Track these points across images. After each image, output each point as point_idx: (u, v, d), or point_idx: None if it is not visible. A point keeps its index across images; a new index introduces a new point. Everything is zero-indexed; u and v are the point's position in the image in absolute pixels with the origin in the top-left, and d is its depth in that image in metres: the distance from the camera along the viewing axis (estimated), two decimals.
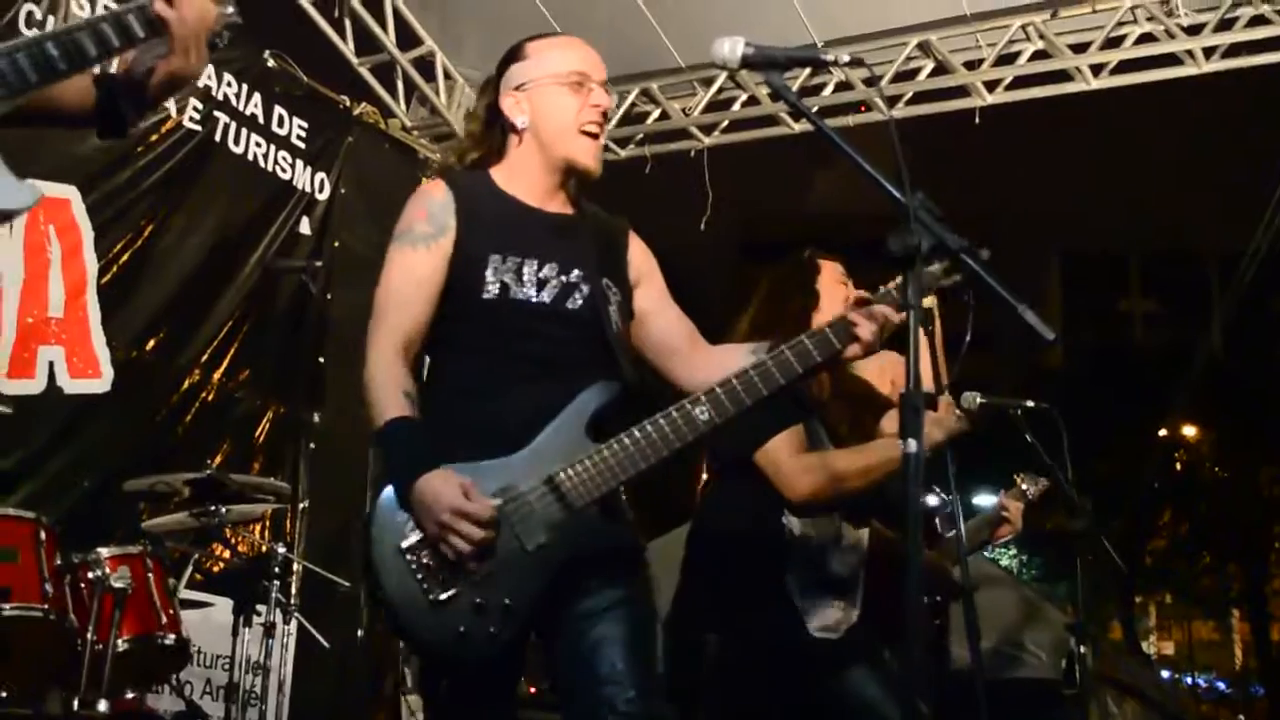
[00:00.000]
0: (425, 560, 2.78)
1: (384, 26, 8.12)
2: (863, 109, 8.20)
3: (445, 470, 2.79)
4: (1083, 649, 5.59)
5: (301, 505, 6.43)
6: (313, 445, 7.24)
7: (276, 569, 5.53)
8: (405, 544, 2.78)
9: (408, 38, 8.35)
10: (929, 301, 4.17)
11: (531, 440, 2.90)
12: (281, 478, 6.65)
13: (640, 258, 3.33)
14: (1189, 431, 27.26)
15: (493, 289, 3.03)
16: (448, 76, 8.64)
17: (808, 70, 7.77)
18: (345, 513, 7.01)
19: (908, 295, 2.35)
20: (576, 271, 3.12)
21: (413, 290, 3.03)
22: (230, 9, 2.68)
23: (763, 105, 8.18)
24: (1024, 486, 4.96)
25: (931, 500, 4.62)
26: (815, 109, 8.11)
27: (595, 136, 3.19)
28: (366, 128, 8.18)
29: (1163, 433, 26.63)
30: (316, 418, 7.31)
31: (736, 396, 2.95)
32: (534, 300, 3.06)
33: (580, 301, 3.10)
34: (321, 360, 7.40)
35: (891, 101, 7.97)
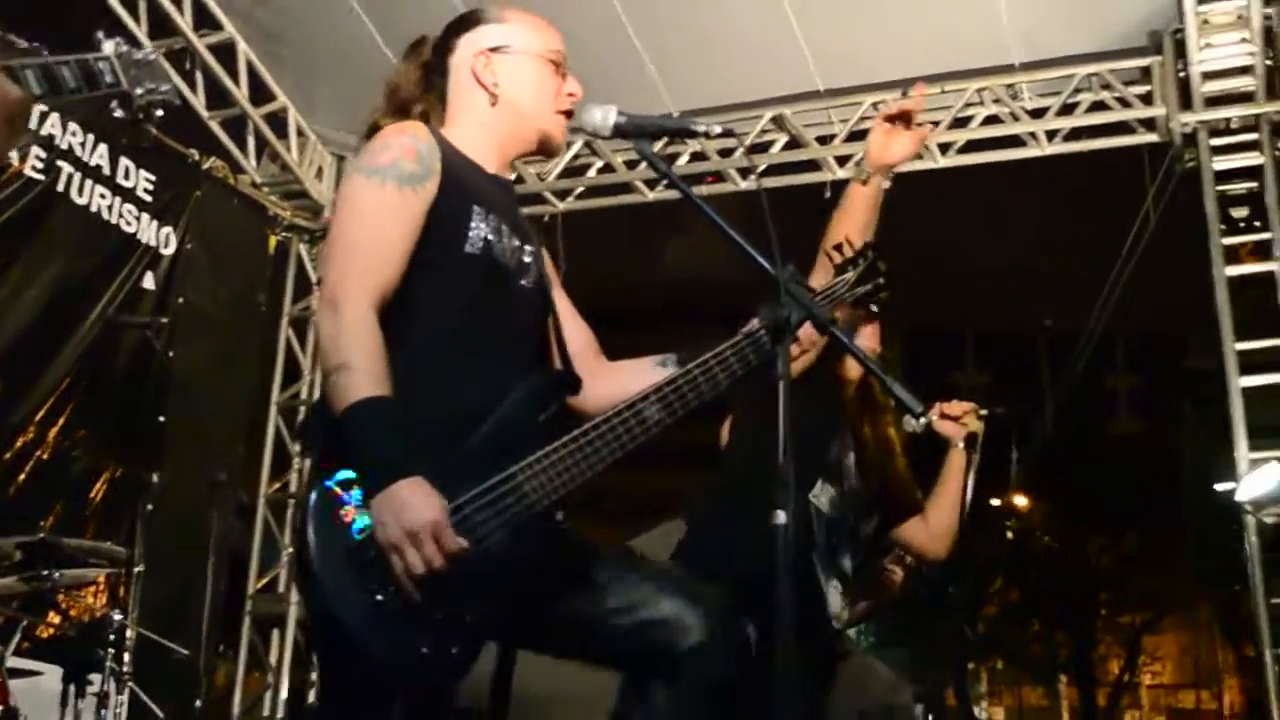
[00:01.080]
0: (374, 567, 2.46)
1: (236, 80, 8.02)
2: (710, 180, 8.27)
3: (420, 480, 2.47)
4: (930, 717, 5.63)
5: (137, 569, 6.21)
6: (150, 507, 6.99)
7: (111, 636, 5.32)
8: (354, 545, 2.47)
9: (260, 93, 8.26)
10: (977, 428, 4.33)
11: (485, 428, 2.66)
12: (118, 540, 6.41)
13: (549, 257, 3.13)
14: (1020, 502, 27.87)
15: (476, 243, 2.78)
16: (300, 133, 8.56)
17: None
18: (183, 577, 6.83)
19: (779, 368, 2.34)
20: (529, 248, 2.95)
21: (398, 234, 2.69)
22: (38, 91, 2.55)
23: (618, 173, 8.21)
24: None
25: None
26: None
27: (567, 118, 3.02)
28: (215, 183, 8.04)
29: (995, 502, 27.14)
30: (155, 478, 7.08)
31: (684, 398, 2.79)
32: (510, 267, 2.85)
33: (534, 280, 2.93)
34: (162, 419, 7.20)
35: (745, 173, 8.06)
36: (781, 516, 2.28)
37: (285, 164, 8.51)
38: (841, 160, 7.95)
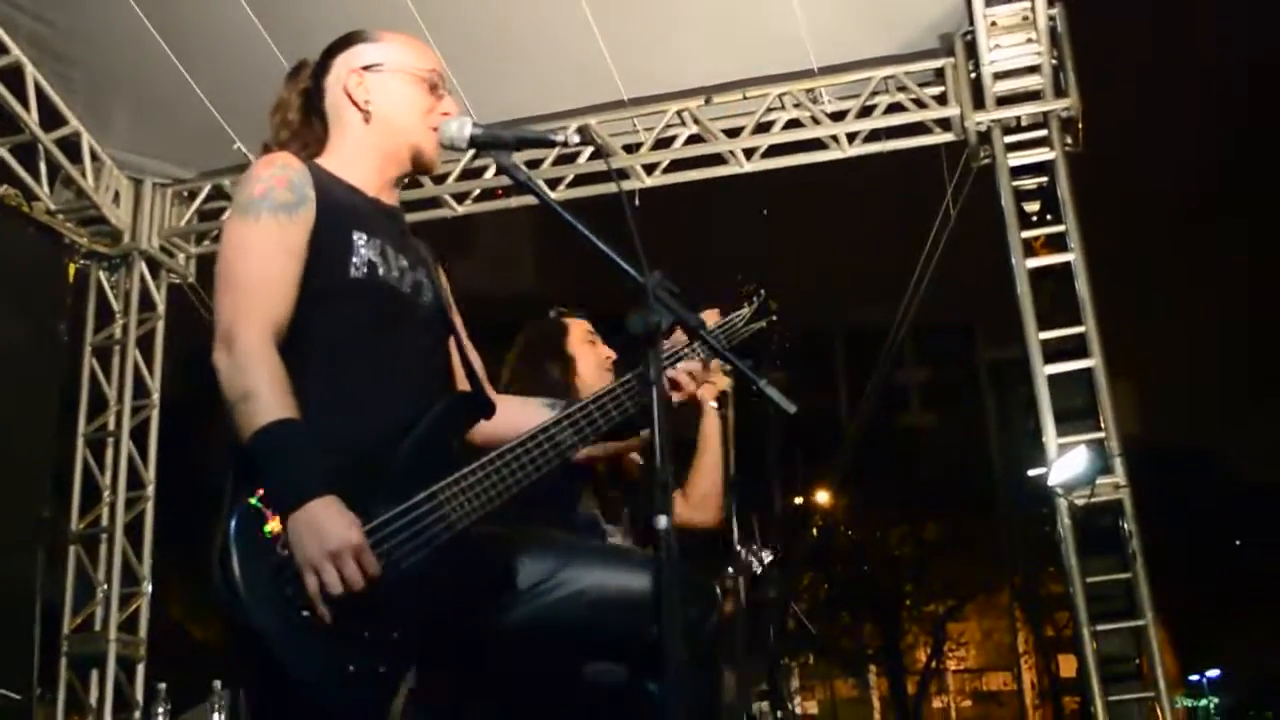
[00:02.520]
0: (300, 584, 2.45)
1: (25, 105, 7.75)
2: (501, 193, 8.28)
3: (334, 499, 2.48)
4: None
5: None
6: None
7: None
8: (278, 562, 2.46)
9: (51, 117, 7.99)
10: (725, 384, 4.31)
11: (399, 452, 2.66)
12: None
13: (446, 280, 3.13)
14: (822, 497, 28.42)
15: (361, 267, 2.77)
16: (95, 157, 8.31)
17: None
18: (2, 620, 6.55)
19: (650, 374, 2.37)
20: (421, 269, 2.94)
21: (282, 265, 2.68)
22: None
23: (425, 187, 8.13)
24: (752, 559, 4.99)
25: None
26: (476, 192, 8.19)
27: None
28: (8, 211, 7.75)
29: (799, 500, 27.67)
30: None
31: (594, 422, 2.85)
32: (401, 289, 2.84)
33: (430, 299, 2.93)
34: None
35: (553, 184, 8.09)
36: (663, 521, 2.29)
37: (80, 189, 8.25)
38: (649, 168, 8.02)
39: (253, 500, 2.50)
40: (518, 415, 3.00)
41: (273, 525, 2.48)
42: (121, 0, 7.28)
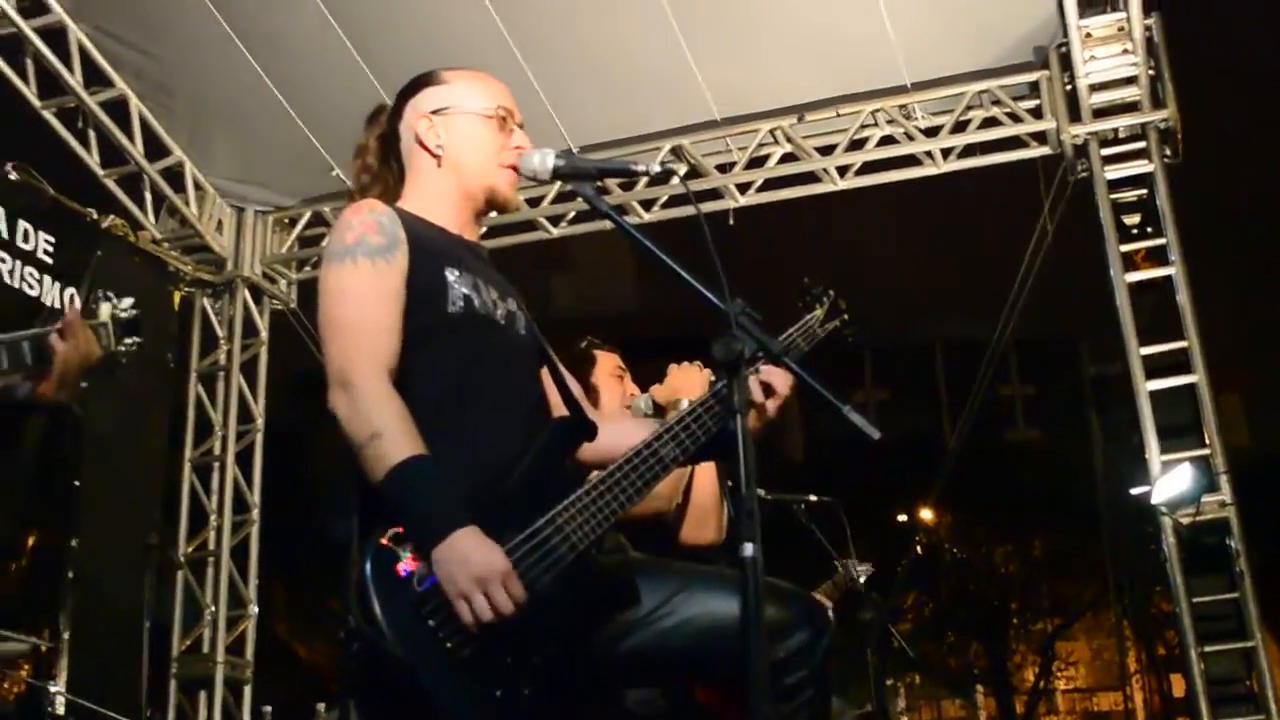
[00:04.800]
0: (443, 615, 2.49)
1: (131, 137, 7.93)
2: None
3: (476, 529, 2.52)
4: None
5: (64, 636, 6.09)
6: (72, 574, 6.90)
7: (48, 708, 5.21)
8: (418, 597, 2.49)
9: (156, 148, 8.17)
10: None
11: (516, 477, 2.71)
12: (43, 609, 6.30)
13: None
14: (926, 515, 28.13)
15: (458, 302, 2.82)
16: (198, 187, 8.48)
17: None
18: (114, 642, 6.68)
19: (734, 400, 2.37)
20: (511, 300, 2.99)
21: (387, 307, 2.73)
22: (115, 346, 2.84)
23: (520, 210, 8.19)
24: (855, 572, 4.96)
25: None
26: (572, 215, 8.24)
27: (515, 171, 3.03)
28: (116, 241, 7.92)
29: (902, 518, 27.43)
30: (75, 543, 6.98)
31: (694, 434, 2.89)
32: (497, 321, 2.90)
33: (523, 329, 2.98)
34: (77, 484, 7.08)
35: (647, 205, 8.12)
36: (750, 549, 2.30)
37: (184, 218, 8.43)
38: (742, 187, 8.03)
39: (385, 538, 2.54)
40: (617, 433, 3.03)
41: (407, 561, 2.52)
42: (222, 33, 7.43)
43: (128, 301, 3.02)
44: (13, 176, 7.15)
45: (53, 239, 7.31)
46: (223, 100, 8.03)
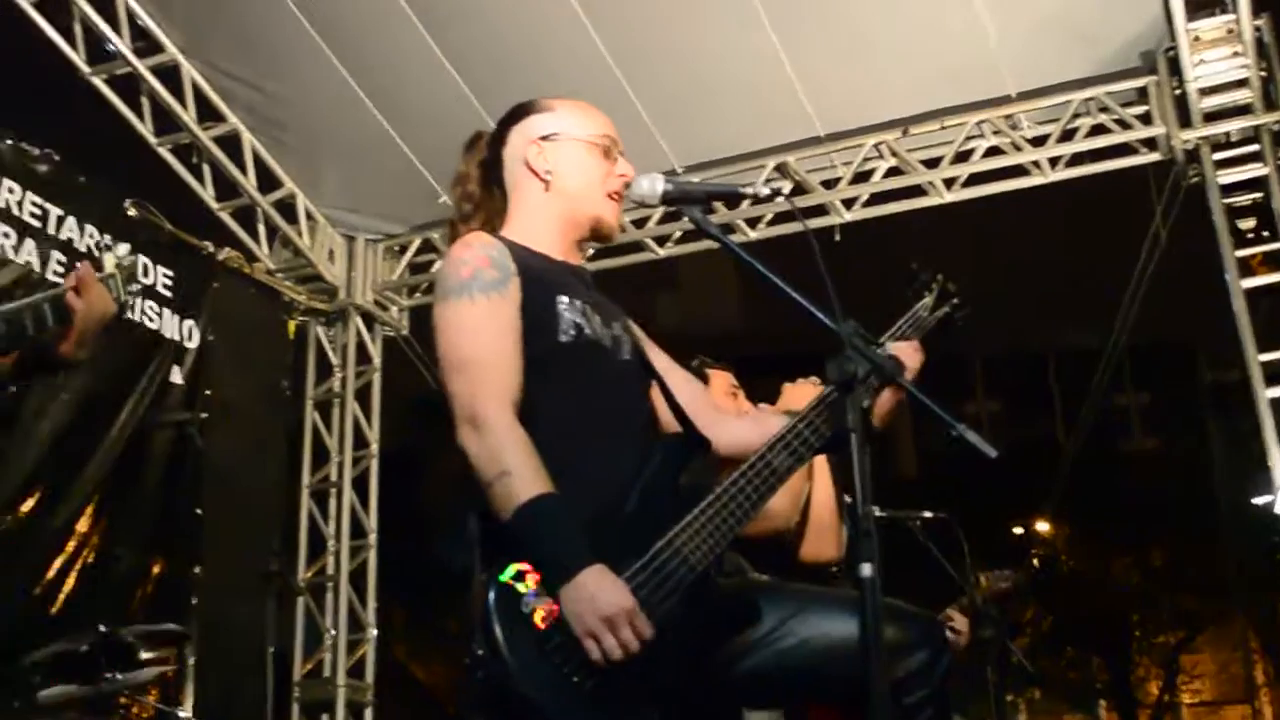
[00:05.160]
0: (568, 652, 2.53)
1: (244, 170, 8.10)
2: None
3: (603, 567, 2.55)
4: None
5: (190, 661, 6.23)
6: (195, 600, 7.06)
7: None
8: (543, 634, 2.53)
9: (268, 180, 8.34)
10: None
11: (631, 501, 2.74)
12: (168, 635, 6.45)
13: (638, 329, 3.20)
14: (1043, 528, 27.74)
15: (569, 330, 2.86)
16: (309, 217, 8.63)
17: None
18: (239, 668, 6.82)
19: (847, 420, 2.38)
20: (616, 324, 3.03)
21: (506, 340, 2.77)
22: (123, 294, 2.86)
23: (627, 232, 8.23)
24: (999, 584, 4.90)
25: None
26: (679, 235, 8.26)
27: (619, 200, 3.10)
28: (231, 273, 8.07)
29: (1018, 531, 27.07)
30: (198, 571, 7.13)
31: (807, 442, 2.89)
32: (606, 345, 2.93)
33: (630, 352, 3.01)
34: (199, 512, 7.25)
35: (753, 223, 8.12)
36: (868, 569, 2.30)
37: (297, 249, 8.59)
38: (848, 203, 8.00)
39: (507, 574, 2.58)
40: (746, 428, 3.07)
41: (531, 597, 2.56)
42: (329, 65, 7.56)
43: (124, 248, 3.09)
44: (131, 213, 7.33)
45: (171, 273, 7.50)
46: (331, 131, 8.17)
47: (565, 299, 2.90)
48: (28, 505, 6.32)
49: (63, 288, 2.45)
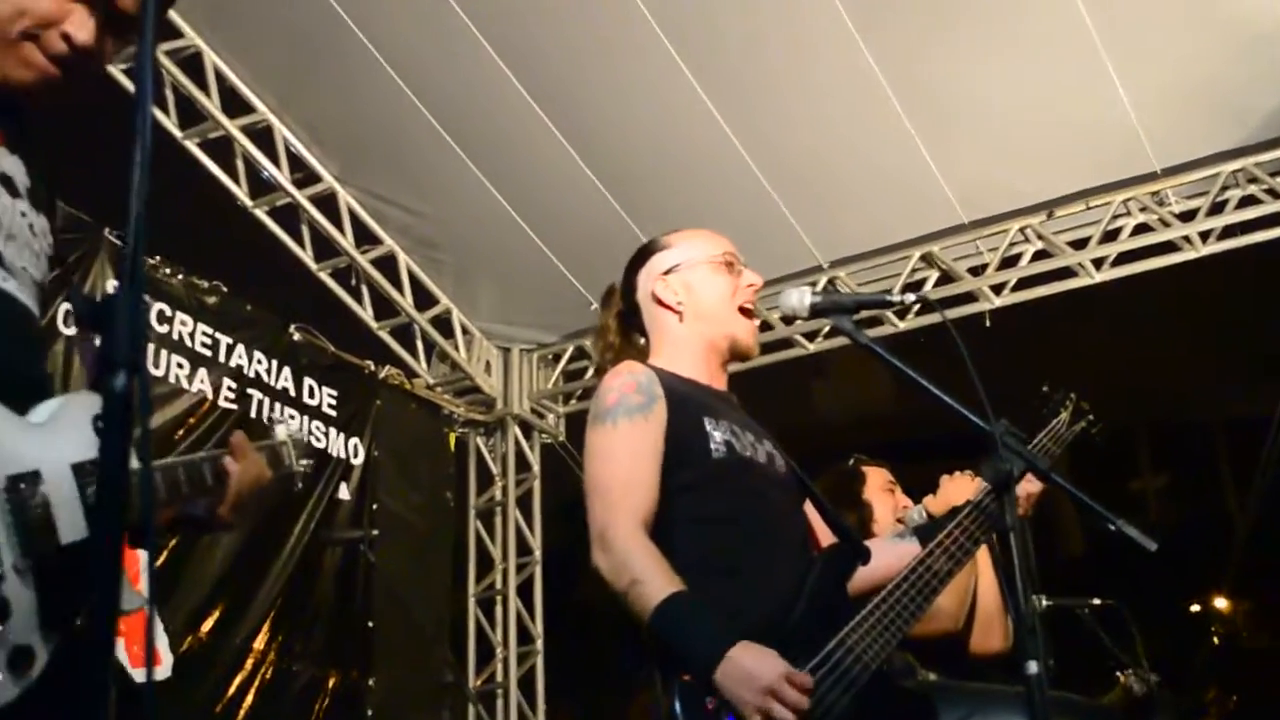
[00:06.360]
0: None
1: (400, 290, 8.35)
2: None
3: (746, 642, 2.62)
4: None
5: None
6: (371, 712, 7.19)
7: None
8: None
9: (424, 298, 8.59)
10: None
11: (799, 607, 2.82)
12: None
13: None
14: (1221, 604, 26.86)
15: (720, 449, 2.96)
16: (465, 331, 8.85)
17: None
18: None
19: (1007, 519, 2.41)
20: (767, 440, 3.12)
21: (644, 465, 2.89)
22: (295, 465, 2.96)
23: (776, 329, 8.26)
24: (1134, 685, 4.81)
25: None
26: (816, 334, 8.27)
27: (751, 315, 3.22)
28: (393, 390, 8.34)
29: (1195, 608, 26.25)
30: (372, 682, 7.28)
31: (964, 546, 2.96)
32: (759, 461, 3.01)
33: (783, 466, 3.09)
34: (370, 625, 7.41)
35: (901, 314, 8.11)
36: (1034, 666, 2.33)
37: (454, 363, 8.81)
38: (996, 289, 7.96)
39: (686, 679, 2.64)
40: (881, 555, 3.11)
41: (710, 700, 2.61)
42: (479, 184, 7.77)
43: (296, 424, 3.23)
44: (296, 338, 7.62)
45: (335, 392, 7.74)
46: (483, 247, 8.39)
47: (712, 420, 3.01)
48: (207, 625, 6.53)
49: (220, 452, 2.57)
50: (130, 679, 5.21)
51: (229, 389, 6.99)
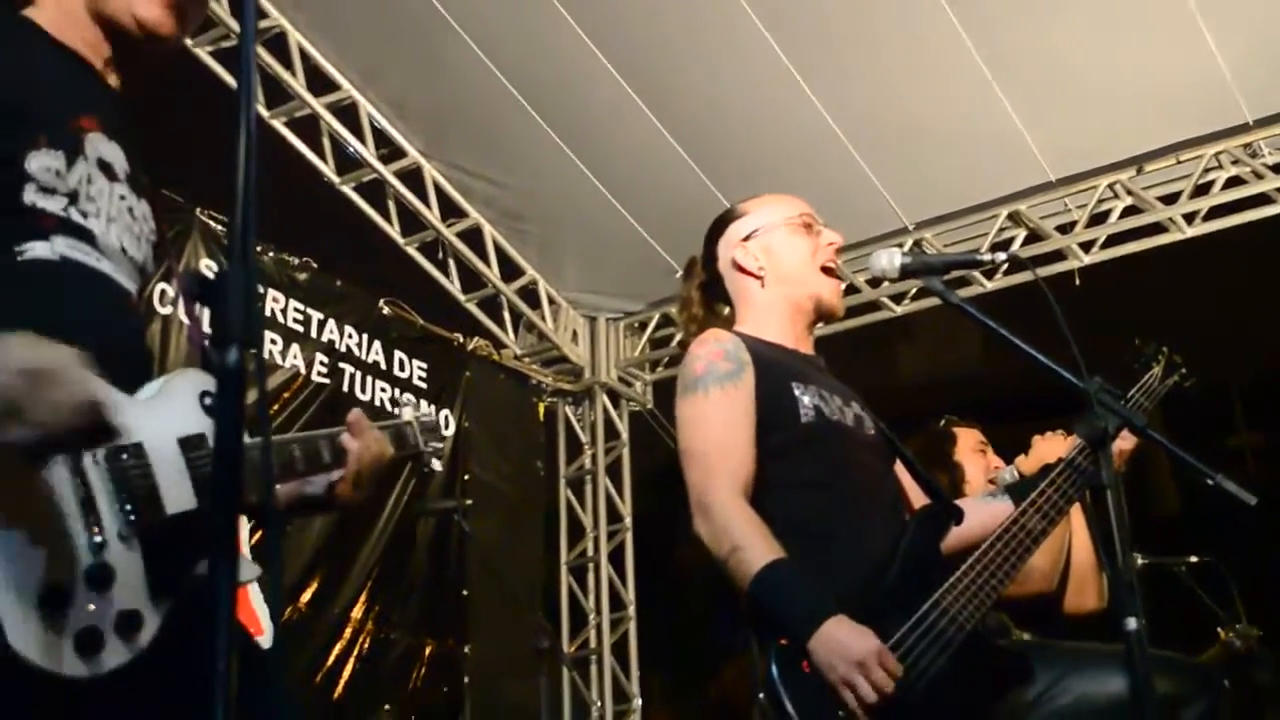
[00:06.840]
0: (845, 712, 2.59)
1: (487, 262, 8.41)
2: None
3: (844, 617, 2.66)
4: None
5: None
6: (467, 679, 7.29)
7: None
8: (826, 690, 2.59)
9: (510, 270, 8.64)
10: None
11: (894, 569, 2.83)
12: (444, 716, 6.67)
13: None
14: None
15: (809, 413, 2.98)
16: (551, 302, 8.91)
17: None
18: None
19: (1104, 476, 2.41)
20: (855, 403, 3.13)
21: (738, 431, 2.92)
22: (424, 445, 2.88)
23: (863, 292, 8.23)
24: (1234, 641, 4.79)
25: None
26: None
27: (834, 274, 3.23)
28: (481, 361, 8.41)
29: None
30: (468, 650, 7.39)
31: (1057, 505, 2.96)
32: (847, 424, 3.03)
33: (872, 429, 3.11)
34: (465, 593, 7.51)
35: (989, 274, 8.05)
36: (1133, 623, 2.32)
37: (542, 333, 8.86)
38: (1085, 246, 7.88)
39: (784, 644, 2.68)
40: (974, 515, 3.10)
41: (805, 662, 2.64)
42: (563, 156, 7.79)
43: (425, 406, 3.23)
44: (385, 312, 7.71)
45: (425, 365, 7.83)
46: (567, 217, 8.43)
47: (800, 385, 3.03)
48: (306, 596, 6.66)
49: (339, 429, 2.58)
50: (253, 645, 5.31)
51: (321, 364, 7.10)
